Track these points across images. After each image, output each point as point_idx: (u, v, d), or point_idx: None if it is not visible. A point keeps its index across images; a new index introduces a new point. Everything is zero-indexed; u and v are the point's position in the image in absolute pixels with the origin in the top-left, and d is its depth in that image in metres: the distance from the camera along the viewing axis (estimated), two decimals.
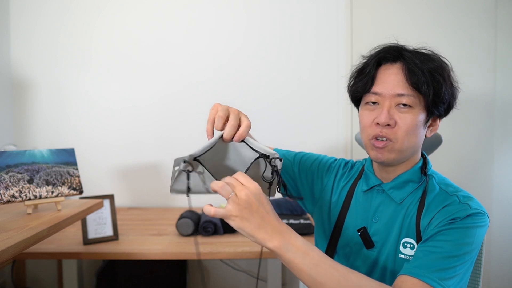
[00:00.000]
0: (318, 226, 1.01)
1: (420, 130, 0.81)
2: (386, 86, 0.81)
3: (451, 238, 0.75)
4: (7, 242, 0.83)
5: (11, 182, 1.05)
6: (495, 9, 2.00)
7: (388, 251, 0.85)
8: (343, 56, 2.03)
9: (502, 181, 2.05)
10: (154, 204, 2.06)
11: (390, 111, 0.80)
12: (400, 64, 0.81)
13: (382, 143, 0.81)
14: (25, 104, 2.03)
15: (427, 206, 0.82)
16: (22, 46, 2.02)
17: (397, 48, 0.83)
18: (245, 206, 0.65)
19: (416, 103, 0.79)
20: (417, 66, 0.78)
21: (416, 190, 0.85)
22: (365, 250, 0.88)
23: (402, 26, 2.02)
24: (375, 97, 0.82)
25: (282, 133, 2.04)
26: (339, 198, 0.96)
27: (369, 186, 0.91)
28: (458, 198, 0.80)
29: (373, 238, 0.87)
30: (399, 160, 0.84)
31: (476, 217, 0.77)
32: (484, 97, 2.04)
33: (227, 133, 0.73)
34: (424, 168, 0.87)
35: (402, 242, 0.83)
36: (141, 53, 2.03)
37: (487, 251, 2.03)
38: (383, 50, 0.84)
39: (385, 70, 0.82)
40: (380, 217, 0.87)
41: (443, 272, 0.72)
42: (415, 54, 0.81)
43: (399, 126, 0.80)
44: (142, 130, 2.05)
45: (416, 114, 0.80)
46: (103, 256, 1.43)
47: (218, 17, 2.03)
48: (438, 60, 0.81)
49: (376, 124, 0.81)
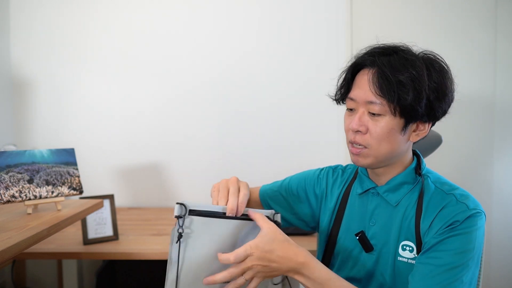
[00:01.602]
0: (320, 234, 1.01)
1: (396, 137, 0.80)
2: (359, 92, 0.81)
3: (452, 247, 0.75)
4: (7, 242, 0.83)
5: (11, 182, 1.05)
6: (495, 9, 2.00)
7: (387, 254, 0.84)
8: (343, 57, 2.03)
9: (502, 181, 2.05)
10: (154, 204, 2.06)
11: (362, 118, 0.80)
12: (374, 70, 0.79)
13: (357, 150, 0.82)
14: (25, 104, 2.03)
15: (425, 207, 0.81)
16: (22, 46, 2.01)
17: (373, 53, 0.81)
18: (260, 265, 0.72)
19: (385, 110, 0.78)
20: (384, 73, 0.77)
21: (411, 191, 0.85)
22: (364, 254, 0.87)
23: (402, 26, 2.02)
24: (351, 102, 0.83)
25: (282, 133, 2.03)
26: (335, 203, 0.96)
27: (363, 189, 0.90)
28: (455, 197, 0.80)
29: (372, 241, 0.86)
30: (378, 165, 0.84)
31: (475, 218, 0.77)
32: (484, 97, 2.04)
33: (230, 203, 0.77)
34: (419, 168, 0.86)
35: (401, 245, 0.83)
36: (142, 53, 2.03)
37: (487, 251, 2.02)
38: (361, 56, 0.84)
39: (362, 76, 0.82)
40: (377, 220, 0.87)
41: (451, 286, 0.73)
42: (393, 59, 0.79)
43: (371, 133, 0.80)
44: (143, 130, 2.05)
45: (387, 121, 0.78)
46: (103, 256, 1.43)
47: (217, 19, 2.02)
48: (419, 66, 0.77)
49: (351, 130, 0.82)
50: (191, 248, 0.73)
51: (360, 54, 0.85)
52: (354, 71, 0.84)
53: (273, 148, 2.03)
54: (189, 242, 0.73)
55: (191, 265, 0.73)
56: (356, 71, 0.84)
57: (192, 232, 0.73)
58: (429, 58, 0.81)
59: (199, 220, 0.74)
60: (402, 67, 0.77)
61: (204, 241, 0.74)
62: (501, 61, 2.02)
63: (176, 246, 0.72)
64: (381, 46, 0.83)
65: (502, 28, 2.00)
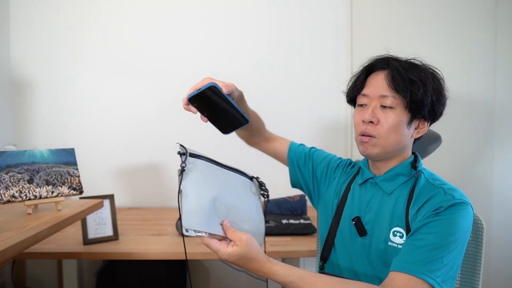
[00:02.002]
0: (322, 219, 1.09)
1: (403, 130, 0.91)
2: (373, 89, 0.92)
3: (435, 230, 0.82)
4: (7, 242, 0.83)
5: (11, 182, 1.05)
6: (495, 9, 2.00)
7: (379, 239, 0.91)
8: (343, 57, 2.03)
9: (502, 182, 2.05)
10: (154, 204, 2.06)
11: (375, 111, 0.91)
12: (387, 71, 0.92)
13: (367, 138, 0.92)
14: (25, 104, 2.03)
15: (415, 197, 0.89)
16: (22, 46, 2.02)
17: (386, 58, 0.94)
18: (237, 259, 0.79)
19: (397, 103, 0.89)
20: (399, 73, 0.89)
21: (406, 183, 0.93)
22: (359, 238, 0.95)
23: (402, 26, 2.02)
24: (364, 98, 0.94)
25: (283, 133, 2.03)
26: (339, 192, 1.05)
27: (363, 179, 1.00)
28: (444, 190, 0.87)
29: (366, 226, 0.94)
30: (383, 155, 0.93)
31: (459, 206, 0.84)
32: (484, 97, 2.04)
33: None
34: (415, 163, 0.95)
35: (392, 230, 0.90)
36: (142, 53, 2.03)
37: (487, 251, 2.02)
38: (375, 60, 0.96)
39: (375, 76, 0.94)
40: (373, 207, 0.95)
41: (430, 265, 0.78)
42: (403, 63, 0.92)
43: (381, 124, 0.90)
44: (143, 130, 2.05)
45: (398, 114, 0.90)
46: (103, 256, 1.43)
47: (218, 20, 2.03)
48: (425, 70, 0.91)
49: (363, 122, 0.92)
50: (197, 184, 0.78)
51: (373, 59, 0.96)
52: (367, 73, 0.96)
53: None
54: (194, 178, 0.78)
55: (201, 201, 0.78)
56: (369, 73, 0.95)
57: (196, 170, 0.79)
58: (429, 67, 0.95)
59: (202, 162, 0.81)
60: (412, 69, 0.90)
61: (207, 180, 0.80)
62: (501, 61, 2.02)
63: (180, 179, 0.77)
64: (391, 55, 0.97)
65: (502, 28, 2.00)
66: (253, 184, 0.91)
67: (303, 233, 1.57)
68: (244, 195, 0.87)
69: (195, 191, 0.77)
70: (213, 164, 0.84)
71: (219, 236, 0.79)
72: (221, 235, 0.79)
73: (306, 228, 1.58)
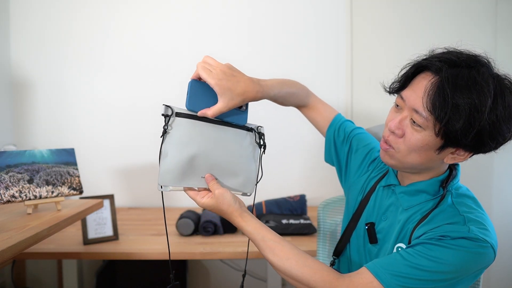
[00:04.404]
0: (347, 206, 1.04)
1: (429, 153, 0.77)
2: (412, 95, 0.76)
3: (430, 254, 0.71)
4: (7, 242, 0.83)
5: (11, 182, 1.05)
6: (495, 9, 2.00)
7: (385, 252, 0.86)
8: (343, 56, 2.03)
9: (502, 181, 2.05)
10: (154, 204, 2.06)
11: (402, 122, 0.78)
12: (435, 79, 0.73)
13: (386, 146, 0.82)
14: (25, 104, 2.03)
15: (430, 218, 0.79)
16: (22, 46, 2.01)
17: (443, 60, 0.74)
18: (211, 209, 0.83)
19: (428, 126, 0.74)
20: (444, 90, 0.70)
21: (427, 202, 0.82)
22: (369, 244, 0.90)
23: (402, 26, 2.01)
24: (400, 101, 0.80)
25: (283, 133, 2.03)
26: (365, 189, 0.98)
27: (387, 183, 0.91)
28: (465, 219, 0.75)
29: (378, 235, 0.88)
30: (402, 169, 0.84)
31: (473, 242, 0.70)
32: None
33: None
34: (446, 181, 0.82)
35: (396, 246, 0.83)
36: (141, 53, 2.03)
37: None
38: (432, 57, 0.77)
39: (422, 78, 0.76)
40: (389, 216, 0.88)
41: (403, 280, 0.70)
42: (462, 75, 0.71)
43: (405, 139, 0.77)
44: (142, 130, 2.05)
45: (426, 136, 0.74)
46: (103, 256, 1.43)
47: (219, 20, 2.03)
48: (488, 91, 0.70)
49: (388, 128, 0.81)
50: (177, 144, 0.82)
51: (431, 54, 0.79)
52: (416, 70, 0.79)
53: (274, 148, 2.03)
54: (175, 138, 0.82)
55: (179, 159, 0.82)
56: (419, 71, 0.78)
57: (178, 130, 0.83)
58: (502, 86, 0.75)
59: (187, 121, 0.84)
60: (465, 89, 0.70)
61: (190, 139, 0.83)
62: (501, 62, 2.01)
63: (161, 140, 0.83)
64: (456, 53, 0.77)
65: (502, 28, 2.00)
66: (248, 134, 0.89)
67: (303, 233, 1.57)
68: (233, 148, 0.86)
69: (175, 150, 0.82)
70: (201, 121, 0.84)
71: (202, 188, 0.84)
72: (205, 187, 0.84)
73: (306, 228, 1.58)
